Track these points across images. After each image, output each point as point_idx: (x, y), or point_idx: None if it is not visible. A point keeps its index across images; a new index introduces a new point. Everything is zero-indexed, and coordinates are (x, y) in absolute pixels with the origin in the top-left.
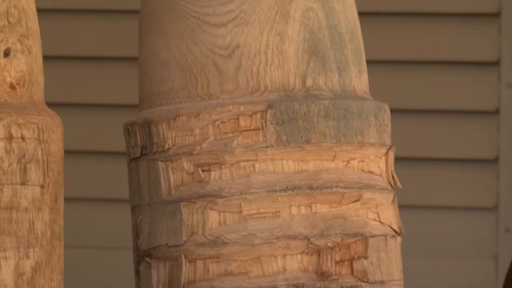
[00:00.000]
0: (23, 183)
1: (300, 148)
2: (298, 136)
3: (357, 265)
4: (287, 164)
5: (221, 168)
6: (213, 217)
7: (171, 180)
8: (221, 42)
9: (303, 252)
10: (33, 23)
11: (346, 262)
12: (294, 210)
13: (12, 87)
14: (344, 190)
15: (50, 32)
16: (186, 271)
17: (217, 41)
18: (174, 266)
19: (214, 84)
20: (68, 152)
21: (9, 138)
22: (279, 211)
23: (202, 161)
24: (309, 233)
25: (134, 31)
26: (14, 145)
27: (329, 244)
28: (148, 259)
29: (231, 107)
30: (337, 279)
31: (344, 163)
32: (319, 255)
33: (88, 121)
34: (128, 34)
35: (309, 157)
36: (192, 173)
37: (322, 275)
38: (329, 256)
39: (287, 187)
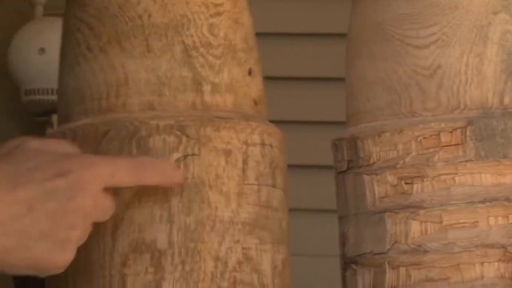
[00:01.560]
0: (273, 186)
1: (497, 163)
2: (496, 151)
3: None
4: (485, 177)
5: (423, 181)
6: (415, 227)
7: (376, 192)
8: (424, 63)
9: (499, 260)
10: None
11: None
12: (492, 220)
13: (255, 102)
14: None
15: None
16: (389, 277)
17: (419, 62)
18: (378, 272)
19: (417, 103)
20: None
21: (262, 144)
22: (477, 222)
23: (405, 174)
24: (506, 242)
25: (340, 53)
26: (266, 151)
27: None
28: (353, 266)
29: (432, 124)
30: None
31: None
32: None
33: (298, 137)
34: (334, 56)
35: (506, 171)
36: (395, 185)
37: None
38: None
39: (485, 199)
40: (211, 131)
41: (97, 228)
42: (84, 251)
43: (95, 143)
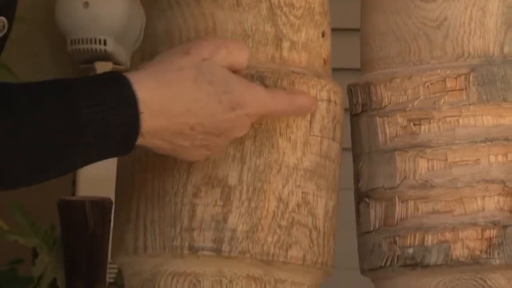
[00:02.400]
0: (333, 139)
1: (498, 106)
2: (496, 95)
3: None
4: (487, 119)
5: (430, 122)
6: (422, 164)
7: (387, 132)
8: (431, 16)
9: (499, 194)
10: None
11: None
12: (492, 158)
13: (324, 62)
14: None
15: None
16: (399, 209)
17: (427, 15)
18: (388, 205)
19: (425, 51)
20: None
21: (329, 101)
22: (479, 159)
23: (414, 116)
24: (505, 177)
25: (356, 7)
26: (331, 107)
27: None
28: (367, 199)
29: (439, 70)
30: None
31: None
32: None
33: None
34: (351, 8)
35: (505, 113)
36: (405, 126)
37: None
38: None
39: (486, 138)
40: (286, 84)
41: (174, 160)
42: (159, 180)
43: None
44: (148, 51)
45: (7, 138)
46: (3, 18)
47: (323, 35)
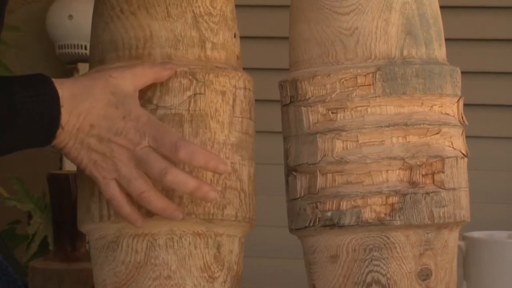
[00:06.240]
0: (250, 118)
1: (398, 98)
2: (398, 89)
3: (437, 177)
4: (390, 108)
5: (344, 111)
6: (338, 144)
7: (310, 119)
8: (345, 25)
9: (400, 168)
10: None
11: (429, 175)
12: (394, 139)
13: (237, 57)
14: (428, 126)
15: None
16: (320, 181)
17: (342, 25)
18: (311, 177)
19: (340, 54)
20: None
21: (245, 88)
22: (384, 140)
23: (332, 106)
24: (404, 155)
25: (286, 18)
26: (247, 93)
27: (418, 163)
28: (294, 173)
29: (352, 69)
30: (423, 186)
31: (429, 108)
32: (411, 170)
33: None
34: (283, 20)
35: (404, 104)
36: (324, 114)
37: (413, 184)
38: (417, 171)
39: (389, 124)
40: (213, 77)
41: None
42: None
43: None
44: (96, 58)
45: None
46: None
47: (235, 36)
